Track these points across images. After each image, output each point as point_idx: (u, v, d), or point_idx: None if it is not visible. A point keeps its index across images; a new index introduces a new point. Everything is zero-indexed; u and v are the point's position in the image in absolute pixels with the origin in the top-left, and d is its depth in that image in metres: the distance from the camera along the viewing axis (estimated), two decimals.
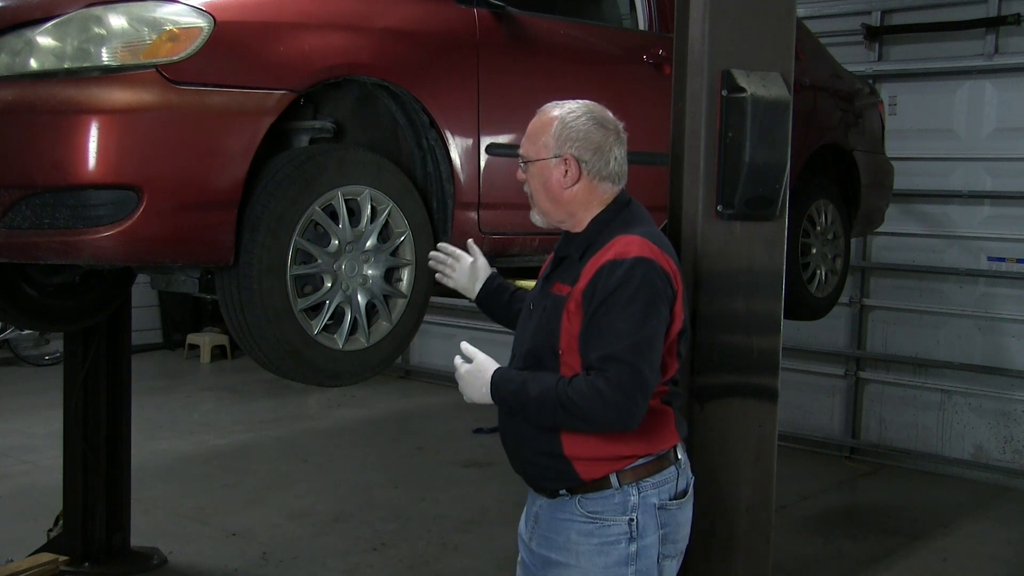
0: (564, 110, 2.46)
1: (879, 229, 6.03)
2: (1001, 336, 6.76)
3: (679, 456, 2.51)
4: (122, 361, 4.86)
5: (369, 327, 3.03)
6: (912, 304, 7.08)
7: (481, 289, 2.88)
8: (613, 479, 2.40)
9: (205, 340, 10.42)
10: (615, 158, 2.47)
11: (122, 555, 4.90)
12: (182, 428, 7.66)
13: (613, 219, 2.46)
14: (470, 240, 2.97)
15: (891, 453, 7.15)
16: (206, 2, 2.68)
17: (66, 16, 2.64)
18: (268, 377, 7.59)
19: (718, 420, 2.93)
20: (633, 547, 2.40)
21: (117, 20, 2.60)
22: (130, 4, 2.64)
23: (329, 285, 2.91)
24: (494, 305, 2.87)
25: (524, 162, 2.51)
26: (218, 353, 10.44)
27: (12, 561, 4.72)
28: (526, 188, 2.53)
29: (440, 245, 2.97)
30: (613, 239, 2.38)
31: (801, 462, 6.91)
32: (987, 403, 6.80)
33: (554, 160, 2.44)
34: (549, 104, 2.51)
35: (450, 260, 2.91)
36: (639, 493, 2.41)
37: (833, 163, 5.17)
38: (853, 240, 5.68)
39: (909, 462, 7.06)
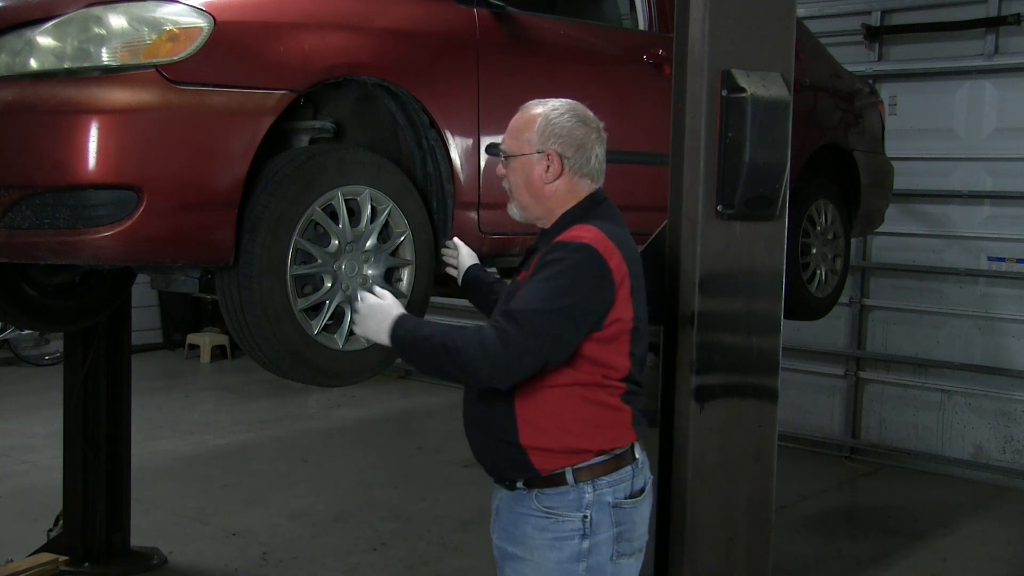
0: (548, 107, 2.51)
1: (879, 229, 6.03)
2: (1001, 336, 6.76)
3: (636, 456, 2.53)
4: (122, 361, 4.86)
5: None
6: (912, 304, 7.08)
7: (463, 277, 3.03)
8: (569, 475, 2.43)
9: (205, 340, 10.42)
10: (596, 156, 2.53)
11: (122, 555, 4.90)
12: (182, 428, 7.66)
13: (583, 215, 2.50)
14: (455, 238, 3.11)
15: (891, 453, 7.15)
16: (206, 2, 2.68)
17: (66, 16, 2.64)
18: (268, 377, 7.60)
19: (718, 420, 2.93)
20: (586, 543, 2.43)
21: (117, 20, 2.60)
22: (130, 4, 2.64)
23: (329, 285, 2.91)
24: (475, 294, 3.01)
25: (506, 157, 2.56)
26: (218, 353, 10.44)
27: (12, 561, 4.72)
28: (505, 183, 2.59)
29: (448, 243, 3.14)
30: (573, 227, 2.44)
31: (801, 462, 6.91)
32: (987, 403, 6.80)
33: (537, 155, 2.49)
34: (531, 102, 2.56)
35: (454, 252, 3.11)
36: (594, 491, 2.44)
37: (833, 163, 5.17)
38: (853, 240, 5.68)
39: (909, 462, 7.06)
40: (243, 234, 2.72)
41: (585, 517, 2.43)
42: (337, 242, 2.91)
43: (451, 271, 3.09)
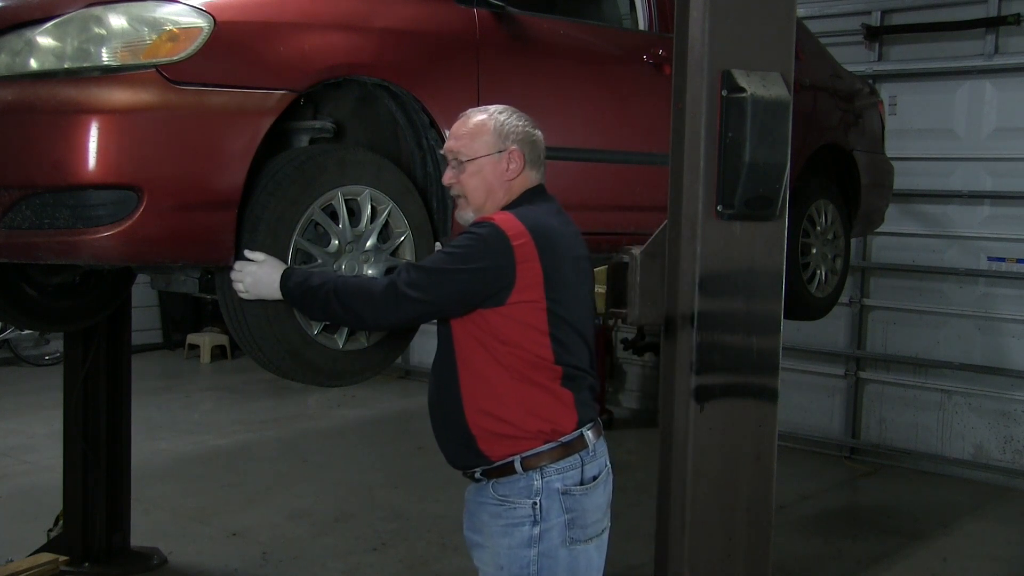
0: (493, 111, 2.66)
1: (879, 229, 6.03)
2: (1001, 336, 6.76)
3: (588, 444, 2.60)
4: (122, 361, 4.87)
5: None
6: (912, 304, 7.08)
7: None
8: (517, 463, 2.54)
9: (205, 340, 10.42)
10: (543, 150, 2.71)
11: (122, 555, 4.90)
12: (182, 428, 7.66)
13: (511, 207, 2.62)
14: (437, 244, 3.13)
15: (891, 453, 7.15)
16: (206, 2, 2.67)
17: (66, 16, 2.64)
18: (268, 377, 7.58)
19: (718, 420, 2.93)
20: (536, 530, 2.53)
21: (117, 20, 2.60)
22: (130, 4, 2.64)
23: None
24: None
25: (461, 161, 2.64)
26: (218, 353, 10.44)
27: (12, 561, 4.72)
28: (456, 190, 2.68)
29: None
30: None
31: (801, 462, 6.91)
32: (987, 403, 6.80)
33: (497, 155, 2.62)
34: (472, 109, 2.69)
35: None
36: (542, 478, 2.54)
37: (833, 163, 5.17)
38: (853, 240, 5.68)
39: (909, 462, 7.06)
40: (243, 234, 2.72)
41: (535, 504, 2.53)
42: (337, 242, 2.91)
43: None
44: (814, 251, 4.97)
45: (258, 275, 2.63)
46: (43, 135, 2.54)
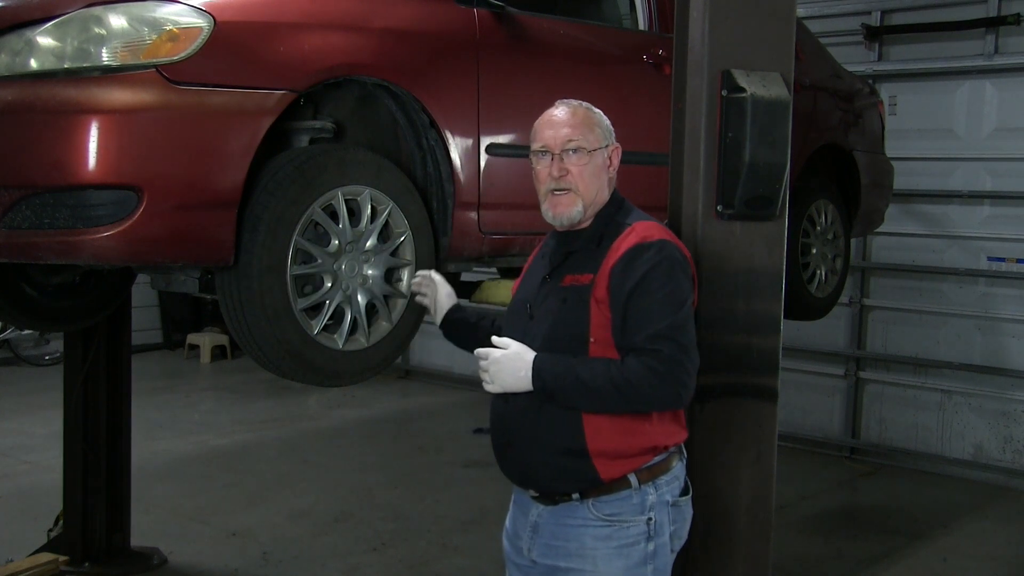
0: (586, 104, 2.57)
1: (879, 229, 6.04)
2: (1001, 336, 6.76)
3: (684, 452, 2.58)
4: (122, 361, 4.87)
5: (369, 327, 3.03)
6: (912, 304, 7.08)
7: (444, 319, 2.87)
8: (632, 479, 2.41)
9: (205, 340, 10.42)
10: None
11: (122, 555, 4.90)
12: (182, 428, 7.66)
13: (616, 212, 2.55)
14: (432, 271, 2.95)
15: (891, 453, 7.15)
16: (206, 2, 2.68)
17: (66, 16, 2.64)
18: (268, 377, 7.60)
19: (718, 420, 2.93)
20: (651, 546, 2.43)
21: (117, 20, 2.60)
22: (130, 4, 2.64)
23: (329, 285, 2.91)
24: (456, 333, 2.87)
25: (579, 151, 2.49)
26: (218, 353, 10.44)
27: (12, 561, 4.72)
28: (565, 183, 2.49)
29: (420, 273, 2.95)
30: (631, 225, 2.48)
31: (801, 462, 6.91)
32: (987, 403, 6.80)
33: (605, 148, 2.55)
34: (566, 100, 2.56)
35: (427, 281, 2.91)
36: (656, 491, 2.44)
37: (833, 163, 5.17)
38: (853, 240, 5.68)
39: (909, 462, 7.06)
40: (243, 234, 2.73)
41: (650, 520, 2.43)
42: (337, 242, 2.91)
43: (422, 300, 2.92)
44: (814, 251, 4.97)
45: (503, 363, 2.41)
46: (43, 135, 2.55)
